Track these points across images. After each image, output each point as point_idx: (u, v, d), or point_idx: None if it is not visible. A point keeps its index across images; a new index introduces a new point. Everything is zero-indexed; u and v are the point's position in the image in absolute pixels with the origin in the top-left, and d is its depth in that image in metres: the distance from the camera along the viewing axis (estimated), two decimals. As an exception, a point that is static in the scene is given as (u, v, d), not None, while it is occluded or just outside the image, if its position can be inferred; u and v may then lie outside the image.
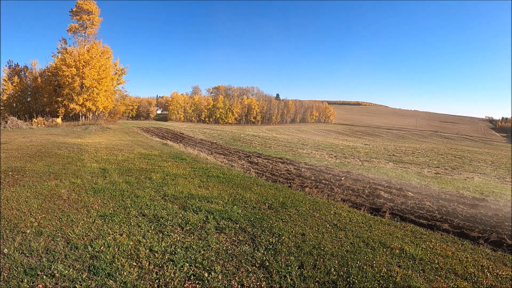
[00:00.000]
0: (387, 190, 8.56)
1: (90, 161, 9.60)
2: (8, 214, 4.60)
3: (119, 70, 38.65)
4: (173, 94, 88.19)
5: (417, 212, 6.46)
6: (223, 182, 7.66)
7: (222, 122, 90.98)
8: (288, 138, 38.10)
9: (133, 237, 4.07)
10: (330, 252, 3.96)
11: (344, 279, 3.33)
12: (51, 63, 34.60)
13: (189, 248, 3.84)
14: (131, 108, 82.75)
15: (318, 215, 5.48)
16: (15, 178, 6.81)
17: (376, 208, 6.61)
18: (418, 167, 13.56)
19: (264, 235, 4.38)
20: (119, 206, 5.28)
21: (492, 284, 3.45)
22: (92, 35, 34.97)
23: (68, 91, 32.61)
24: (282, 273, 3.37)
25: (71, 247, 3.67)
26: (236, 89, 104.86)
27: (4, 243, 3.67)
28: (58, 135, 18.75)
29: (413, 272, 3.59)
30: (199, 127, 51.07)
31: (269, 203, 6.00)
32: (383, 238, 4.60)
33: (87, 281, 3.01)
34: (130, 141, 17.28)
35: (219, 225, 4.67)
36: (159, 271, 3.27)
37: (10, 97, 33.56)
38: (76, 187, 6.38)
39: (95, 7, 34.34)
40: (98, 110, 35.19)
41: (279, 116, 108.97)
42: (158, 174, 8.12)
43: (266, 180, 8.59)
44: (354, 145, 29.62)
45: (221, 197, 6.23)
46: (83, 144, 14.27)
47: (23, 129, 24.75)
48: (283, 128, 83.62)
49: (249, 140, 25.85)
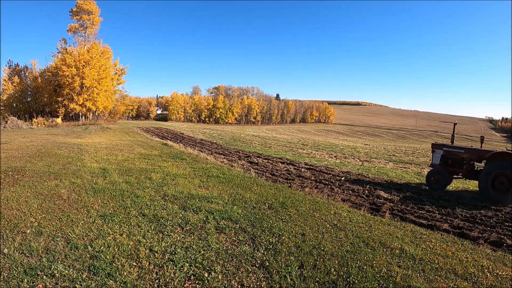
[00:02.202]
0: (387, 190, 8.56)
1: (90, 161, 9.60)
2: (8, 214, 4.60)
3: (119, 70, 38.68)
4: (173, 94, 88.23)
5: (417, 212, 6.46)
6: (223, 182, 7.66)
7: (222, 122, 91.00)
8: (288, 138, 38.10)
9: (133, 237, 4.07)
10: (330, 252, 3.96)
11: (344, 279, 3.33)
12: (51, 63, 34.63)
13: (189, 248, 3.84)
14: (131, 108, 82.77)
15: (318, 215, 5.48)
16: (15, 178, 6.82)
17: (376, 208, 6.61)
18: (418, 167, 13.55)
19: (264, 235, 4.39)
20: (119, 206, 5.29)
21: (492, 284, 3.45)
22: (92, 35, 35.02)
23: (68, 91, 32.63)
24: (282, 273, 3.37)
25: (71, 247, 3.67)
26: (236, 89, 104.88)
27: (4, 243, 3.67)
28: (58, 135, 18.75)
29: (413, 272, 3.59)
30: (199, 127, 51.07)
31: (269, 203, 6.00)
32: (383, 238, 4.61)
33: (87, 281, 3.01)
34: (130, 141, 17.28)
35: (219, 225, 4.67)
36: (159, 271, 3.27)
37: (10, 97, 33.53)
38: (76, 187, 6.39)
39: (95, 7, 34.35)
40: (98, 110, 35.20)
41: (279, 116, 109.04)
42: (158, 174, 8.12)
43: (266, 180, 8.59)
44: (354, 145, 29.62)
45: (221, 197, 6.23)
46: (83, 144, 14.27)
47: (23, 129, 24.76)
48: (283, 128, 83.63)
49: (249, 140, 25.85)
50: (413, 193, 8.27)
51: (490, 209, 6.93)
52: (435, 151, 9.86)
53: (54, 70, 33.83)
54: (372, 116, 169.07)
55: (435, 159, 9.79)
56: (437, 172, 9.25)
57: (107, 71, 35.01)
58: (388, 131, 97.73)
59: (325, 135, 70.26)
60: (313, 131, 79.63)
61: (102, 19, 35.76)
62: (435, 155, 9.84)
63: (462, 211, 6.69)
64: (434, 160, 9.80)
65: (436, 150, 9.85)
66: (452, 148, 9.58)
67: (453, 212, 6.61)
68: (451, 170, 9.34)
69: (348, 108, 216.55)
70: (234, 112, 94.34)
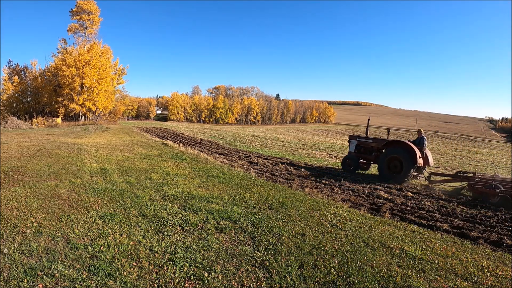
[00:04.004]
0: (387, 190, 8.56)
1: (90, 161, 9.60)
2: (8, 214, 4.60)
3: (119, 70, 38.62)
4: (173, 94, 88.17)
5: (417, 212, 6.46)
6: (223, 182, 7.66)
7: (222, 122, 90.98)
8: (288, 138, 38.09)
9: (133, 237, 4.07)
10: (330, 252, 3.96)
11: (344, 279, 3.33)
12: (51, 63, 34.55)
13: (189, 248, 3.84)
14: (131, 108, 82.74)
15: (318, 215, 5.48)
16: (15, 178, 6.81)
17: (376, 208, 6.61)
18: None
19: (264, 235, 4.38)
20: (119, 206, 5.28)
21: (492, 284, 3.45)
22: (92, 35, 34.95)
23: (68, 91, 32.59)
24: (282, 273, 3.37)
25: (71, 247, 3.67)
26: (236, 89, 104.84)
27: (4, 243, 3.67)
28: (58, 135, 18.75)
29: (413, 272, 3.59)
30: (199, 127, 51.05)
31: (269, 203, 6.00)
32: (383, 238, 4.61)
33: (87, 281, 3.01)
34: (130, 141, 17.28)
35: (219, 225, 4.67)
36: (159, 271, 3.27)
37: (10, 97, 33.48)
38: (76, 187, 6.38)
39: (95, 7, 34.30)
40: (98, 110, 35.15)
41: (279, 116, 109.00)
42: (158, 174, 8.12)
43: (266, 180, 8.59)
44: (354, 145, 29.60)
45: (221, 197, 6.23)
46: (83, 144, 14.27)
47: (23, 129, 24.75)
48: (283, 128, 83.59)
49: (249, 140, 25.85)
50: (413, 193, 8.25)
51: (490, 209, 6.93)
52: (351, 141, 11.91)
53: (54, 70, 33.78)
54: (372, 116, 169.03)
55: (351, 148, 11.81)
56: (350, 158, 11.53)
57: (107, 71, 34.96)
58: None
59: (325, 135, 70.23)
60: (313, 131, 79.61)
61: (102, 19, 35.71)
62: (351, 145, 11.84)
63: (462, 211, 6.70)
64: (351, 149, 11.83)
65: (351, 140, 11.93)
66: (364, 139, 11.65)
67: (453, 212, 6.62)
68: (363, 157, 11.50)
69: (348, 108, 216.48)
70: (234, 112, 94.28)
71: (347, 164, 11.45)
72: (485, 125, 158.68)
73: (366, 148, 11.49)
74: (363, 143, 11.57)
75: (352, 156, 11.54)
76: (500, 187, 7.56)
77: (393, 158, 9.89)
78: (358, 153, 11.59)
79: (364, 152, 11.53)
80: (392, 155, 9.93)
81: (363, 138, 11.73)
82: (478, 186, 7.94)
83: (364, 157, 11.50)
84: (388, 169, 9.98)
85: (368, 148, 11.41)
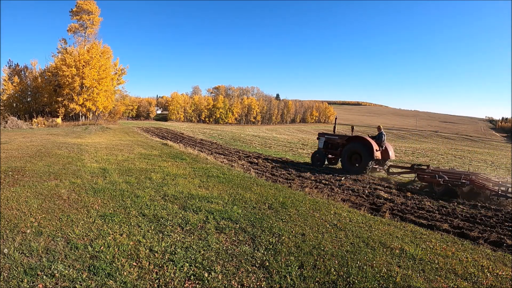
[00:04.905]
0: (387, 190, 8.56)
1: (90, 161, 9.60)
2: (8, 214, 4.60)
3: (119, 70, 38.62)
4: (173, 94, 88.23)
5: (417, 212, 6.46)
6: (223, 182, 7.66)
7: (222, 122, 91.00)
8: (288, 138, 38.10)
9: (133, 237, 4.07)
10: (330, 252, 3.96)
11: (344, 279, 3.33)
12: (51, 63, 34.55)
13: (189, 248, 3.84)
14: (131, 108, 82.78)
15: (318, 215, 5.48)
16: (15, 178, 6.81)
17: (376, 208, 6.61)
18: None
19: (264, 235, 4.38)
20: (119, 206, 5.28)
21: (492, 284, 3.45)
22: (92, 35, 34.95)
23: (68, 91, 32.59)
24: (282, 273, 3.37)
25: (71, 247, 3.67)
26: (236, 89, 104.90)
27: (4, 243, 3.67)
28: (58, 135, 18.74)
29: (413, 272, 3.59)
30: (199, 127, 51.05)
31: (269, 203, 6.00)
32: (383, 238, 4.61)
33: (87, 281, 3.01)
34: (130, 141, 17.28)
35: (219, 225, 4.67)
36: (159, 271, 3.26)
37: (10, 97, 33.48)
38: (76, 187, 6.38)
39: (95, 7, 34.31)
40: (98, 110, 35.15)
41: (279, 116, 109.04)
42: (158, 174, 8.12)
43: (266, 180, 8.59)
44: (354, 145, 29.60)
45: (221, 197, 6.23)
46: (83, 144, 14.27)
47: (23, 129, 24.75)
48: (283, 128, 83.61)
49: (249, 140, 25.85)
50: (413, 193, 8.27)
51: (490, 209, 6.93)
52: (320, 138, 13.11)
53: (54, 70, 33.78)
54: (372, 116, 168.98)
55: (320, 144, 12.97)
56: (318, 153, 12.73)
57: (107, 71, 34.96)
58: (388, 131, 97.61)
59: (325, 135, 70.13)
60: (313, 131, 79.52)
61: (102, 19, 35.71)
62: (320, 141, 13.04)
63: (462, 211, 6.70)
64: (320, 145, 12.98)
65: (320, 137, 13.14)
66: (331, 135, 12.90)
67: (453, 212, 6.62)
68: (331, 152, 12.61)
69: (348, 108, 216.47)
70: (234, 112, 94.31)
71: (316, 158, 12.66)
72: (485, 125, 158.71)
73: (332, 144, 12.52)
74: (330, 139, 12.67)
75: (320, 152, 12.69)
76: (445, 177, 8.31)
77: (353, 152, 11.08)
78: (326, 149, 12.68)
79: (331, 147, 12.56)
80: (353, 149, 11.12)
81: (330, 135, 12.93)
82: (424, 176, 8.80)
83: (331, 152, 12.59)
84: (349, 162, 11.20)
85: (335, 144, 12.41)
